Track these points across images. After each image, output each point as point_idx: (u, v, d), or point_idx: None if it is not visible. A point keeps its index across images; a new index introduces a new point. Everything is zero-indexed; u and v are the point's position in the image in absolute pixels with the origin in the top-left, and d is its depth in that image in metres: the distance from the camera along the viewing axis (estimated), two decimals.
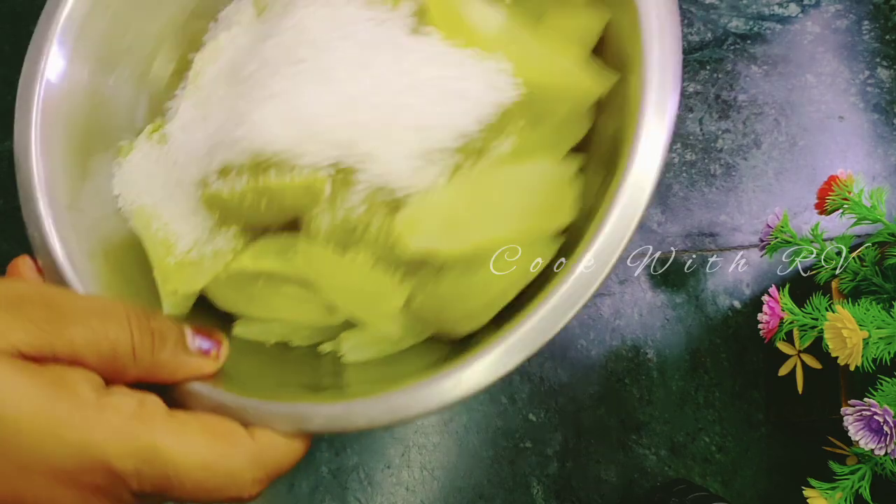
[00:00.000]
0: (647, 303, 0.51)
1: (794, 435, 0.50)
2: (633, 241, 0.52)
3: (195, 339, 0.29)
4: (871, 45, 0.57)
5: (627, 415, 0.50)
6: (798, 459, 0.50)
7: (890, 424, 0.35)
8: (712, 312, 0.52)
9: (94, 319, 0.26)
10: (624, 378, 0.50)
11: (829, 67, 0.56)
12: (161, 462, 0.25)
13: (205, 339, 0.29)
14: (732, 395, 0.50)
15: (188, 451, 0.25)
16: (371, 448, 0.47)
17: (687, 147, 0.54)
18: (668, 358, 0.51)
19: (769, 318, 0.42)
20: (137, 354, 0.27)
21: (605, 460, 0.49)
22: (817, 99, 0.56)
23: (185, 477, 0.25)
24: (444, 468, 0.48)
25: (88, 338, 0.25)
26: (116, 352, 0.26)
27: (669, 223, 0.53)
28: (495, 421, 0.48)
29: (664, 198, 0.53)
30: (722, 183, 0.54)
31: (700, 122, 0.55)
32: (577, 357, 0.50)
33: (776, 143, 0.55)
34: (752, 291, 0.52)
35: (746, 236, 0.53)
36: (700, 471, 0.49)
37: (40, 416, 0.23)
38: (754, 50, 0.56)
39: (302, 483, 0.46)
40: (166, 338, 0.28)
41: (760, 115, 0.55)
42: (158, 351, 0.27)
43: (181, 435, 0.25)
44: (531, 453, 0.48)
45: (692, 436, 0.50)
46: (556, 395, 0.49)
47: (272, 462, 0.27)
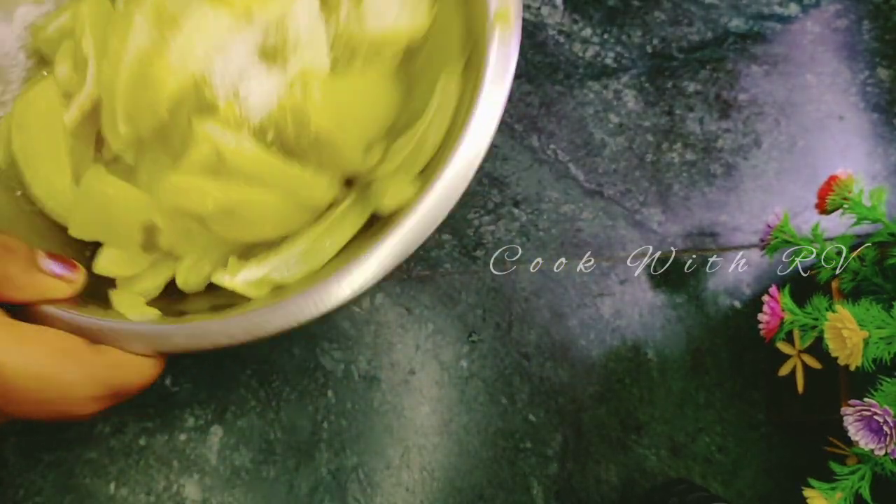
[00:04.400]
0: (647, 303, 0.51)
1: (794, 435, 0.50)
2: (634, 241, 0.52)
3: (48, 261, 0.29)
4: (871, 44, 0.57)
5: (628, 415, 0.49)
6: (798, 459, 0.50)
7: (890, 424, 0.35)
8: (713, 312, 0.52)
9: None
10: (624, 378, 0.50)
11: (830, 67, 0.56)
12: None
13: (58, 263, 0.29)
14: (733, 395, 0.50)
15: (21, 360, 0.25)
16: (371, 448, 0.47)
17: (687, 147, 0.54)
18: (668, 358, 0.51)
19: (769, 318, 0.42)
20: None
21: (606, 460, 0.49)
22: (817, 99, 0.56)
23: (15, 385, 0.25)
24: (444, 469, 0.48)
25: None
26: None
27: (670, 223, 0.53)
28: (495, 421, 0.48)
29: (664, 197, 0.53)
30: (722, 183, 0.54)
31: (700, 121, 0.55)
32: (577, 357, 0.50)
33: (776, 142, 0.55)
34: (753, 291, 0.52)
35: (747, 236, 0.53)
36: (700, 471, 0.49)
37: None
38: (755, 49, 0.56)
39: (301, 483, 0.46)
40: (16, 252, 0.28)
41: (761, 115, 0.55)
42: (7, 263, 0.27)
43: (17, 344, 0.25)
44: (531, 454, 0.48)
45: (692, 436, 0.50)
46: (556, 395, 0.49)
47: (116, 381, 0.27)
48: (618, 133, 0.54)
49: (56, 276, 0.29)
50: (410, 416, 0.48)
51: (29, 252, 0.29)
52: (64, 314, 0.28)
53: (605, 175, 0.53)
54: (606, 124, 0.54)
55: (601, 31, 0.55)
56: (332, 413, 0.47)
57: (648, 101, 0.55)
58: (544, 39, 0.55)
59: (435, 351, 0.49)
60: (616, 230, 0.52)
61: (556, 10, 0.55)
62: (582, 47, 0.55)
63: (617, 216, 0.53)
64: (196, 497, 0.46)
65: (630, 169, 0.53)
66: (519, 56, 0.54)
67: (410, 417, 0.48)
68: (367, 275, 0.28)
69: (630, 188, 0.53)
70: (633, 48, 0.55)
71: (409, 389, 0.48)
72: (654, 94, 0.55)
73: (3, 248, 0.27)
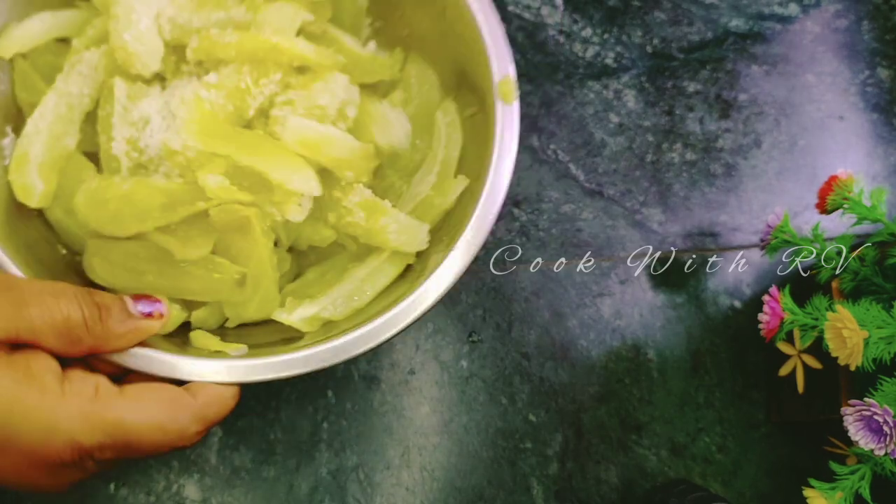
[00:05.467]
0: (647, 303, 0.51)
1: (794, 435, 0.50)
2: (634, 241, 0.52)
3: (136, 305, 0.32)
4: (871, 44, 0.57)
5: (628, 415, 0.49)
6: (798, 459, 0.50)
7: (890, 424, 0.35)
8: (713, 312, 0.52)
9: (48, 298, 0.29)
10: (624, 378, 0.50)
11: (830, 67, 0.56)
12: (123, 432, 0.29)
13: (144, 302, 0.33)
14: (733, 395, 0.50)
15: (145, 418, 0.30)
16: (371, 449, 0.47)
17: (687, 147, 0.54)
18: (668, 358, 0.51)
19: (770, 318, 0.42)
20: (89, 325, 0.30)
21: (606, 461, 0.49)
22: (817, 99, 0.56)
23: (144, 440, 0.30)
24: (444, 469, 0.48)
25: (45, 317, 0.29)
26: (70, 326, 0.29)
27: (670, 223, 0.53)
28: (495, 421, 0.48)
29: (664, 197, 0.53)
30: (722, 183, 0.54)
31: (700, 121, 0.55)
32: (577, 357, 0.50)
33: (776, 142, 0.55)
34: (753, 291, 0.52)
35: (747, 236, 0.53)
36: (700, 471, 0.49)
37: (13, 404, 0.27)
38: (755, 49, 0.56)
39: (301, 484, 0.46)
40: (111, 307, 0.31)
41: (761, 115, 0.55)
42: (106, 319, 0.31)
43: (137, 407, 0.30)
44: (531, 454, 0.48)
45: (692, 436, 0.50)
46: (556, 395, 0.49)
47: (212, 414, 0.32)
48: (618, 133, 0.54)
49: (147, 316, 0.32)
50: (410, 416, 0.48)
51: (120, 302, 0.32)
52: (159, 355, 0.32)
53: (605, 175, 0.53)
54: (606, 124, 0.54)
55: (601, 31, 0.55)
56: (332, 413, 0.47)
57: (648, 101, 0.55)
58: (544, 39, 0.55)
59: (435, 351, 0.49)
60: (616, 230, 0.52)
61: (556, 10, 0.55)
62: (582, 47, 0.55)
63: (617, 216, 0.53)
64: (196, 497, 0.46)
65: (630, 169, 0.53)
66: (519, 56, 0.54)
67: (410, 417, 0.48)
68: (408, 319, 0.35)
69: (630, 188, 0.53)
70: (633, 48, 0.55)
71: (409, 389, 0.48)
72: (655, 94, 0.55)
73: (99, 307, 0.31)
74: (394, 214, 0.38)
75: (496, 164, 0.37)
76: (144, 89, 0.37)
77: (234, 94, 0.36)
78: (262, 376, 0.33)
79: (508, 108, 0.38)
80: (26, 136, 0.36)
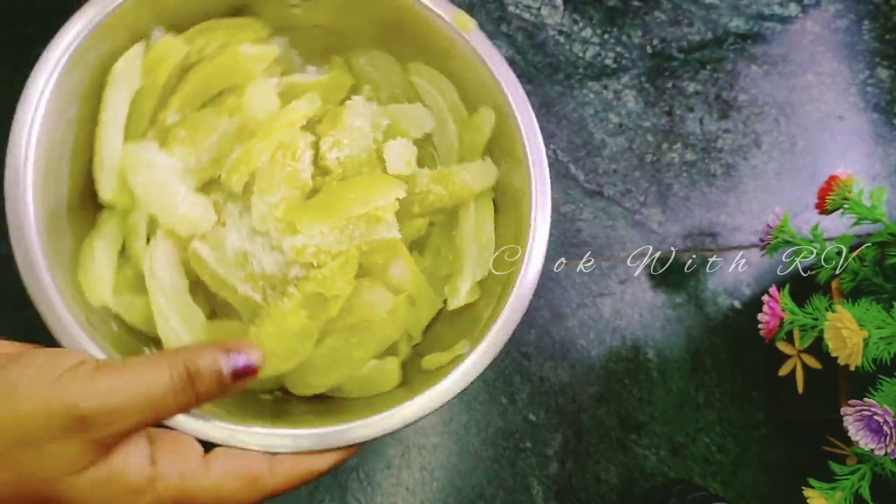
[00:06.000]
0: (647, 303, 0.51)
1: (794, 435, 0.50)
2: (634, 241, 0.52)
3: (229, 361, 0.29)
4: (871, 44, 0.57)
5: (627, 415, 0.49)
6: (798, 459, 0.50)
7: (890, 424, 0.35)
8: (712, 312, 0.52)
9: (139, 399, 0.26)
10: (624, 378, 0.50)
11: (829, 67, 0.57)
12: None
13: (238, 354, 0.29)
14: (732, 395, 0.50)
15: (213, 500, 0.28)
16: (371, 448, 0.47)
17: (687, 147, 0.54)
18: (668, 358, 0.51)
19: (769, 318, 0.42)
20: (178, 397, 0.28)
21: (605, 460, 0.49)
22: (817, 99, 0.56)
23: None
24: (444, 468, 0.48)
25: (137, 419, 0.26)
26: (158, 407, 0.27)
27: (669, 223, 0.53)
28: (495, 421, 0.48)
29: (664, 197, 0.53)
30: (722, 183, 0.54)
31: (700, 121, 0.55)
32: (577, 357, 0.50)
33: (776, 142, 0.55)
34: (753, 291, 0.52)
35: (747, 236, 0.53)
36: (700, 471, 0.49)
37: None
38: (754, 50, 0.56)
39: None
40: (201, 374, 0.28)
41: (761, 115, 0.55)
42: (198, 385, 0.28)
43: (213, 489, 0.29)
44: (531, 453, 0.48)
45: (692, 436, 0.50)
46: (556, 395, 0.49)
47: (282, 489, 0.31)
48: (618, 133, 0.54)
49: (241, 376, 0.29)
50: None
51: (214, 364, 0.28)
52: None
53: (605, 175, 0.53)
54: (606, 124, 0.54)
55: (601, 31, 0.55)
56: None
57: (648, 102, 0.55)
58: (544, 39, 0.55)
59: None
60: (616, 230, 0.52)
61: (556, 10, 0.55)
62: (582, 47, 0.55)
63: (617, 216, 0.53)
64: None
65: (630, 169, 0.53)
66: (519, 56, 0.54)
67: None
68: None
69: (630, 188, 0.53)
70: (633, 48, 0.55)
71: None
72: (654, 95, 0.55)
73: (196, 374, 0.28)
74: (460, 168, 0.39)
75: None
76: (218, 232, 0.36)
77: (291, 180, 0.36)
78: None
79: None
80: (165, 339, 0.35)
